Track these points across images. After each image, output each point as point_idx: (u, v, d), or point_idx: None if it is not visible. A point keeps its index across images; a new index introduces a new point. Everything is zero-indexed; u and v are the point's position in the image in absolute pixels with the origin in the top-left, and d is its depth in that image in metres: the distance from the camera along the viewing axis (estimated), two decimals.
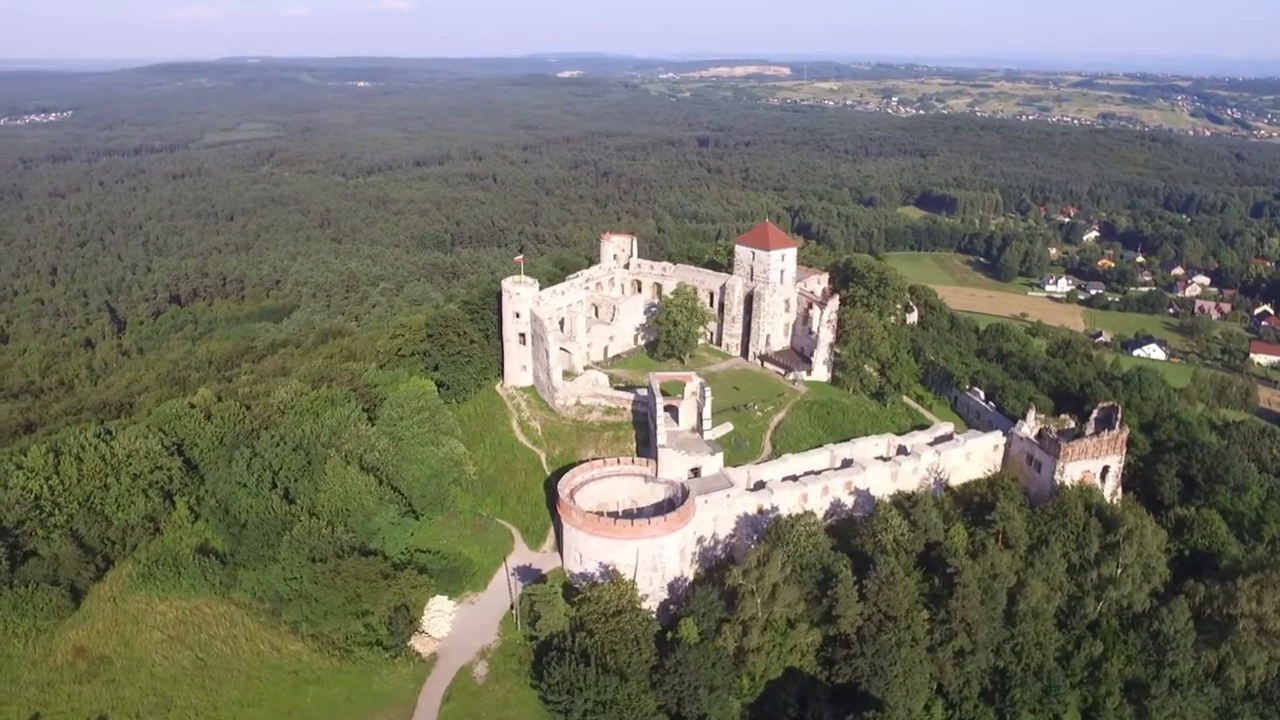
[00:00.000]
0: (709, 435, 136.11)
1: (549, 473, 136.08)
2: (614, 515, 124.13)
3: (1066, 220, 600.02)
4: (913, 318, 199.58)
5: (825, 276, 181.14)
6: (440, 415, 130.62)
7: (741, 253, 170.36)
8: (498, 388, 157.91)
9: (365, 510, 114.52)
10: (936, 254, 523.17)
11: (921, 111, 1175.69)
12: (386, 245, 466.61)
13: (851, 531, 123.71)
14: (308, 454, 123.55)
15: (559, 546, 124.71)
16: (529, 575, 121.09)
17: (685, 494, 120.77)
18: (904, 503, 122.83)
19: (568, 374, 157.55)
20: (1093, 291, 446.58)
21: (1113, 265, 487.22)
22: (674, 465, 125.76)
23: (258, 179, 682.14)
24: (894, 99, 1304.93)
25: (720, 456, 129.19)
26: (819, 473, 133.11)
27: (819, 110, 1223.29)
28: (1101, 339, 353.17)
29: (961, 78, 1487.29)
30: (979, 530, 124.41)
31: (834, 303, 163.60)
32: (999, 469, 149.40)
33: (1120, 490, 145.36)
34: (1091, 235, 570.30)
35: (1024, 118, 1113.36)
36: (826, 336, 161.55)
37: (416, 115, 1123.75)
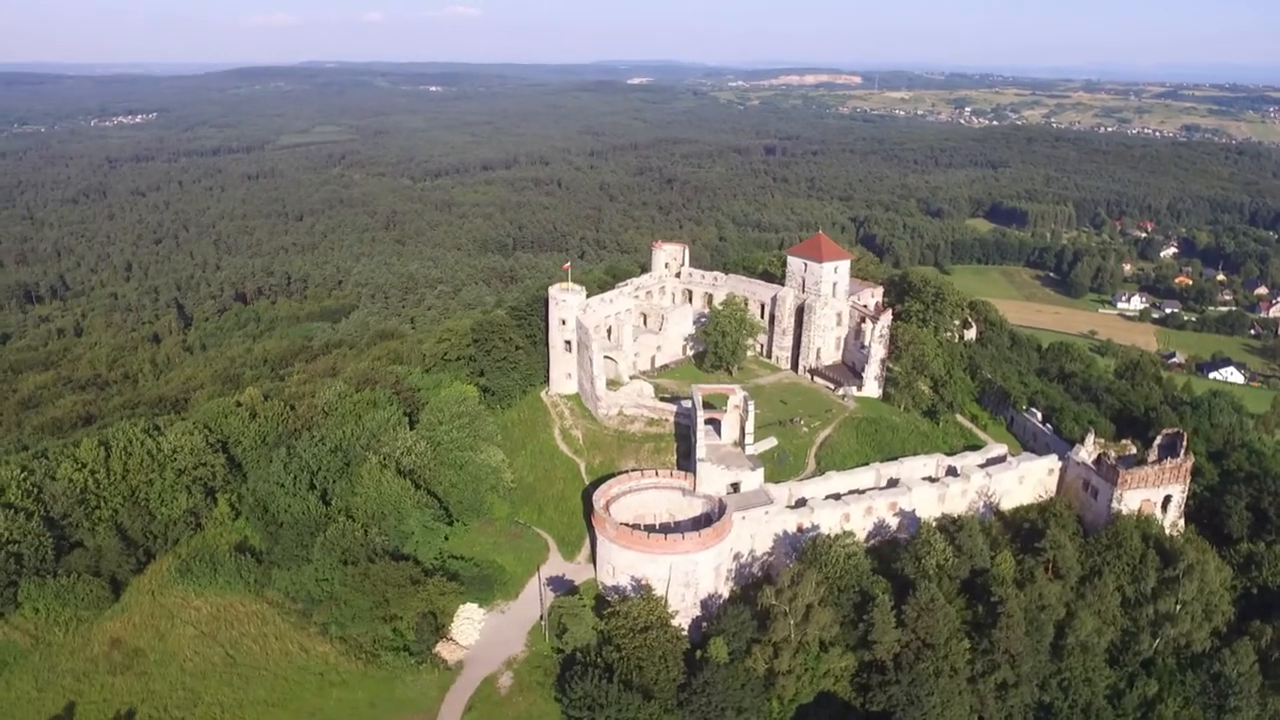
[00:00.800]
0: (750, 450, 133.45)
1: (588, 482, 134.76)
2: (650, 528, 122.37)
3: (1143, 236, 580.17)
4: (971, 334, 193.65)
5: (880, 290, 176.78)
6: (480, 421, 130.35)
7: (793, 264, 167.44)
8: (542, 395, 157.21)
9: (399, 514, 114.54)
10: (1004, 268, 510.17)
11: (995, 122, 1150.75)
12: (448, 248, 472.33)
13: (895, 554, 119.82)
14: (346, 455, 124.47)
15: (593, 558, 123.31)
16: (561, 586, 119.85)
17: (723, 509, 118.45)
18: (949, 526, 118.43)
19: (613, 383, 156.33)
20: (1168, 310, 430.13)
21: (1190, 283, 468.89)
22: (712, 480, 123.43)
23: (328, 180, 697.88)
24: (967, 109, 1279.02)
25: (760, 472, 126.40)
26: (863, 492, 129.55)
27: (889, 120, 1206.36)
28: (1175, 360, 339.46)
29: (1038, 88, 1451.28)
30: (1028, 558, 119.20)
31: (886, 317, 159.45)
32: (1054, 494, 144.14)
33: (1183, 521, 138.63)
34: (1169, 252, 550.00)
35: (1102, 129, 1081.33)
36: (878, 352, 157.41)
37: (486, 120, 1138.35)
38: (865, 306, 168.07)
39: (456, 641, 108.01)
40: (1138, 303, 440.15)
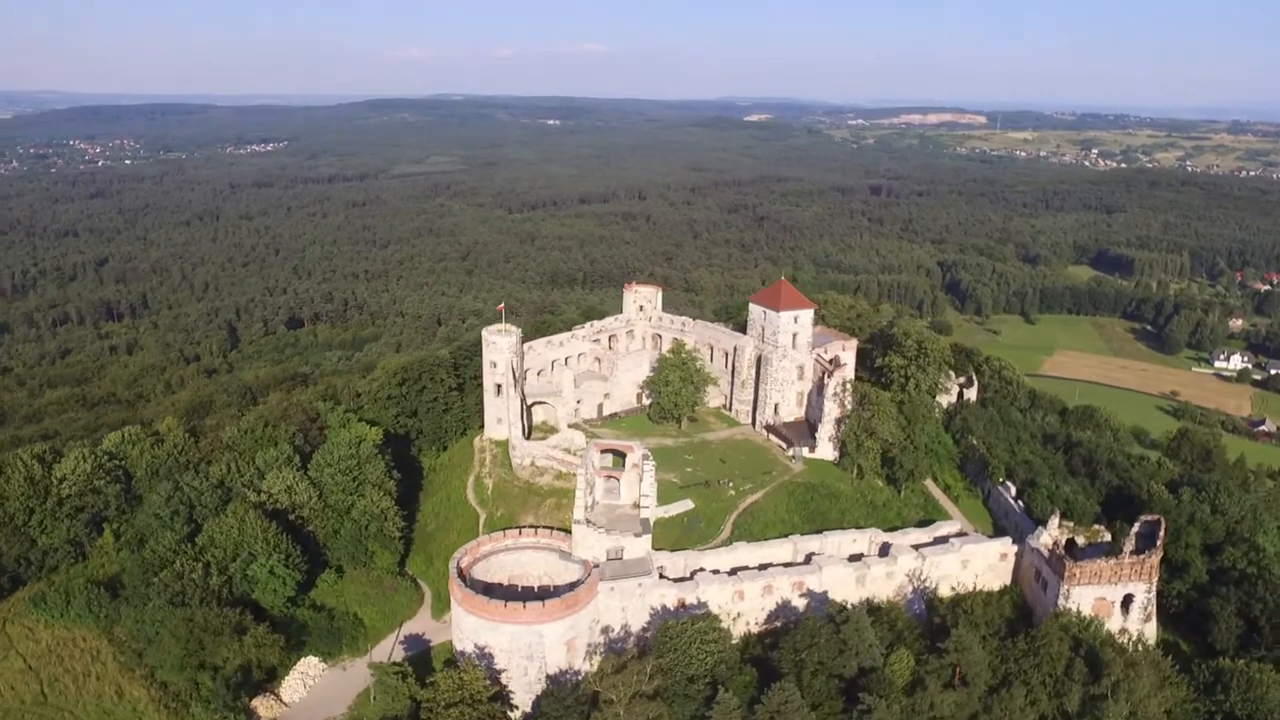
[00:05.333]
0: (660, 513, 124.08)
1: (483, 535, 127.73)
2: (529, 591, 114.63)
3: (1266, 289, 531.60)
4: (972, 393, 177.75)
5: (852, 342, 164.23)
6: (370, 465, 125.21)
7: (754, 311, 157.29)
8: (476, 439, 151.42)
9: (251, 557, 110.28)
10: (1097, 319, 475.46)
11: (1122, 165, 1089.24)
12: (514, 281, 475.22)
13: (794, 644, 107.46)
14: (228, 493, 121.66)
15: None
16: (418, 645, 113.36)
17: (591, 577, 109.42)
18: (836, 615, 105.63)
19: (551, 430, 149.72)
20: (1273, 371, 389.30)
21: None
22: (589, 544, 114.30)
23: (425, 210, 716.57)
24: (1094, 151, 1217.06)
25: (647, 539, 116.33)
26: (763, 568, 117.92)
27: (1008, 161, 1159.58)
28: (1262, 428, 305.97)
29: (1175, 129, 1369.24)
30: (932, 659, 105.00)
31: (841, 372, 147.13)
32: (1010, 583, 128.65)
33: (1151, 626, 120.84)
34: None
35: (1242, 173, 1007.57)
36: (832, 410, 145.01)
37: (595, 153, 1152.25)
38: (833, 360, 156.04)
39: (279, 697, 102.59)
40: (1238, 361, 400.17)
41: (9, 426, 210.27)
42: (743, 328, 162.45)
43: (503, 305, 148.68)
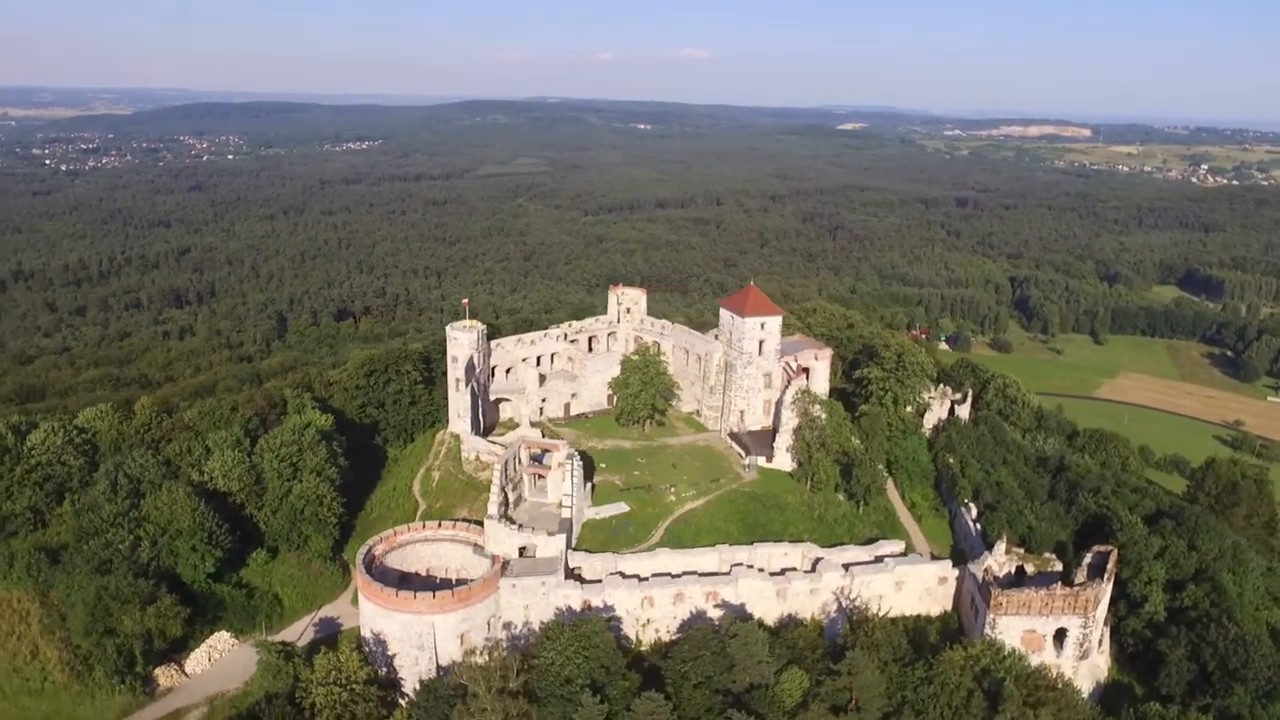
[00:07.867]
0: (580, 513, 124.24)
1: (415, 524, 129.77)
2: (447, 582, 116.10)
3: None
4: (964, 410, 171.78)
5: (827, 351, 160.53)
6: (312, 451, 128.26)
7: (723, 316, 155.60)
8: (440, 433, 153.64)
9: (177, 533, 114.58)
10: (1173, 342, 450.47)
11: (1234, 182, 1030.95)
12: (568, 281, 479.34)
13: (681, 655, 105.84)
14: (175, 470, 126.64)
15: None
16: (331, 628, 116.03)
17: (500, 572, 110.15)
18: (727, 629, 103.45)
19: (516, 427, 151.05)
20: None
21: None
22: (500, 540, 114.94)
23: (500, 210, 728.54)
24: (1203, 167, 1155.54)
25: (561, 538, 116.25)
26: (676, 576, 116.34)
27: (1108, 175, 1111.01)
28: None
29: None
30: (829, 681, 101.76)
31: (799, 381, 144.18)
32: (951, 608, 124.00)
33: (1092, 662, 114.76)
34: None
35: None
36: (789, 420, 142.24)
37: (680, 159, 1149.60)
38: (805, 369, 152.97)
39: (181, 668, 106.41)
40: None
41: (46, 401, 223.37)
42: None
43: (467, 301, 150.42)
